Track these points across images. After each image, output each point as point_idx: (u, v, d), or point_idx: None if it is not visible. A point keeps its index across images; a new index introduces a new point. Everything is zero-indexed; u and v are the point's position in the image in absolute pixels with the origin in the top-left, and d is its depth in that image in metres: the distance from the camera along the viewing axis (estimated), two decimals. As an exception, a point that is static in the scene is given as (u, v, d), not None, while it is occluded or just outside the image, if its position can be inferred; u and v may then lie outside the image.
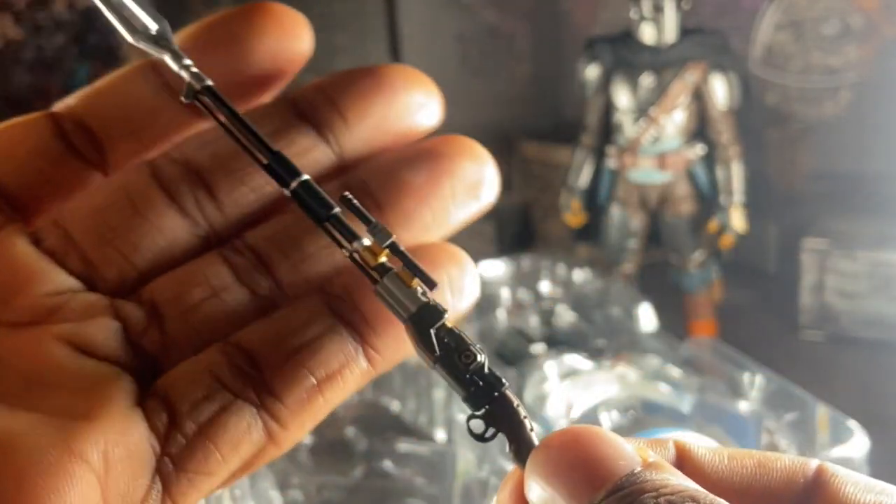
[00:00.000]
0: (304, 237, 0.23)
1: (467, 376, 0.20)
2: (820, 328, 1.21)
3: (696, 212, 1.17)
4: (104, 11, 0.22)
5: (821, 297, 1.20)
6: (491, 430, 0.20)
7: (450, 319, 0.21)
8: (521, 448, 0.20)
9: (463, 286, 0.23)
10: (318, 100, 0.24)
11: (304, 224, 0.22)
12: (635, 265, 1.21)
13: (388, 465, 0.90)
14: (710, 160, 1.15)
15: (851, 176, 1.45)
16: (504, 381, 0.20)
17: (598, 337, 1.08)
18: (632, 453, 0.17)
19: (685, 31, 1.12)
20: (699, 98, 1.12)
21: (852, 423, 0.76)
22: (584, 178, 1.21)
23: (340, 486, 0.86)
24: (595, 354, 0.99)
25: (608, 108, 1.18)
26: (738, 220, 1.12)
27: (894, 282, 1.16)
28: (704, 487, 0.17)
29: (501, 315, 1.17)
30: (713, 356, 0.96)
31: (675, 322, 1.15)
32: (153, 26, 0.23)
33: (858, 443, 0.74)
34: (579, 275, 1.22)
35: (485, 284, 1.22)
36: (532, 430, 0.20)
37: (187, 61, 0.22)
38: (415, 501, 0.83)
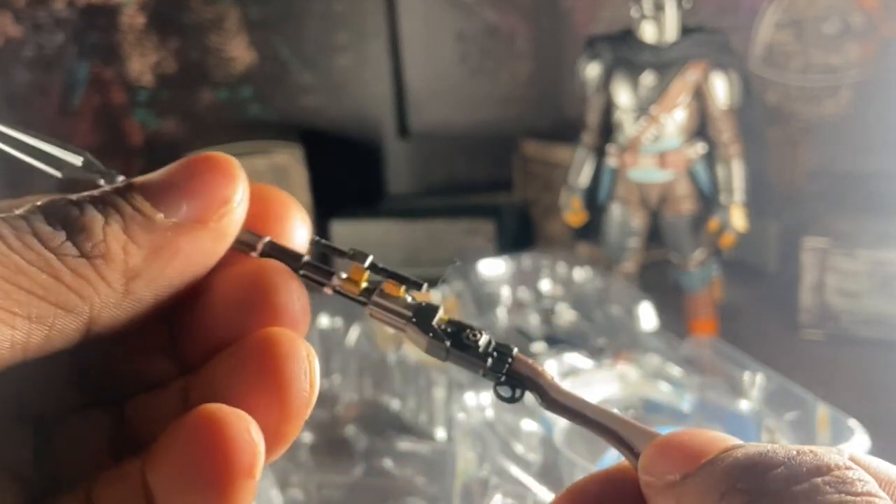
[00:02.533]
0: None
1: (480, 351, 0.21)
2: (820, 327, 1.21)
3: (697, 211, 1.17)
4: (27, 159, 0.23)
5: (821, 296, 1.20)
6: (518, 391, 0.22)
7: (445, 311, 0.22)
8: (546, 396, 0.22)
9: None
10: None
11: None
12: (635, 264, 1.21)
13: (388, 463, 0.90)
14: (710, 159, 1.15)
15: (852, 175, 1.44)
16: (512, 347, 0.22)
17: (598, 336, 1.08)
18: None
19: (686, 30, 1.12)
20: (700, 97, 1.12)
21: (853, 423, 0.76)
22: (584, 176, 1.21)
23: (340, 484, 0.86)
24: (595, 353, 0.99)
25: (609, 107, 1.18)
26: (738, 219, 1.12)
27: (895, 281, 1.16)
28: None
29: (502, 314, 1.17)
30: (713, 355, 0.96)
31: (676, 321, 1.15)
32: (77, 159, 0.24)
33: (859, 442, 0.74)
34: (580, 273, 1.22)
35: (485, 283, 1.21)
36: (553, 377, 0.22)
37: (120, 177, 0.23)
38: (415, 500, 0.83)
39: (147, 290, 0.20)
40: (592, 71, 1.17)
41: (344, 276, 0.23)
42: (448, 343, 0.22)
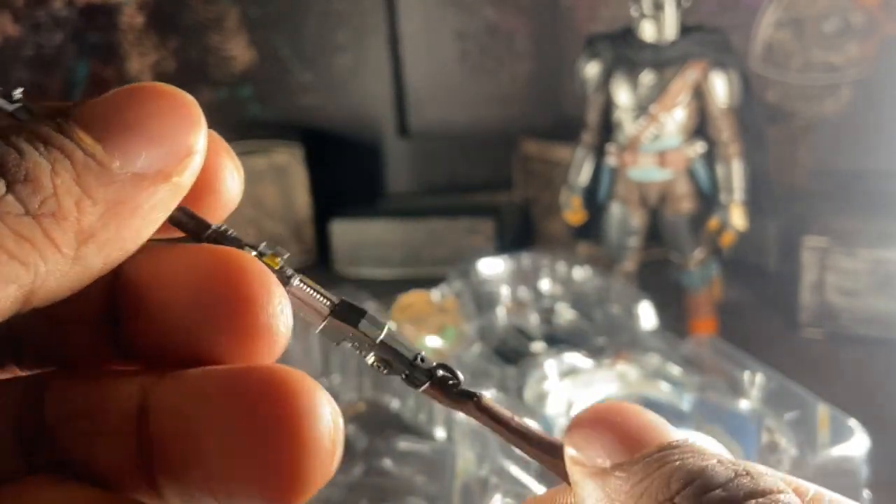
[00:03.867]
0: None
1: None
2: (820, 326, 1.21)
3: (697, 210, 1.16)
4: None
5: (821, 294, 1.20)
6: (385, 367, 0.19)
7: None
8: (413, 373, 0.19)
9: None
10: None
11: None
12: (635, 263, 1.21)
13: (387, 463, 0.90)
14: (710, 158, 1.15)
15: (852, 173, 1.44)
16: (365, 310, 0.19)
17: (598, 335, 1.08)
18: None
19: (685, 29, 1.12)
20: (699, 96, 1.12)
21: (852, 422, 0.76)
22: (584, 175, 1.21)
23: (340, 484, 0.86)
24: (595, 353, 0.99)
25: (608, 106, 1.18)
26: (738, 218, 1.12)
27: (894, 279, 1.16)
28: None
29: (501, 313, 1.17)
30: (713, 354, 0.96)
31: (676, 320, 1.15)
32: None
33: (858, 441, 0.74)
34: (579, 273, 1.22)
35: (485, 282, 1.21)
36: (422, 359, 0.19)
37: (17, 91, 0.18)
38: (415, 500, 0.83)
39: (98, 256, 0.17)
40: (592, 70, 1.17)
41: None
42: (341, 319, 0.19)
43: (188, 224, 0.19)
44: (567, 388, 0.91)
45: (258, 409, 0.17)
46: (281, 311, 0.18)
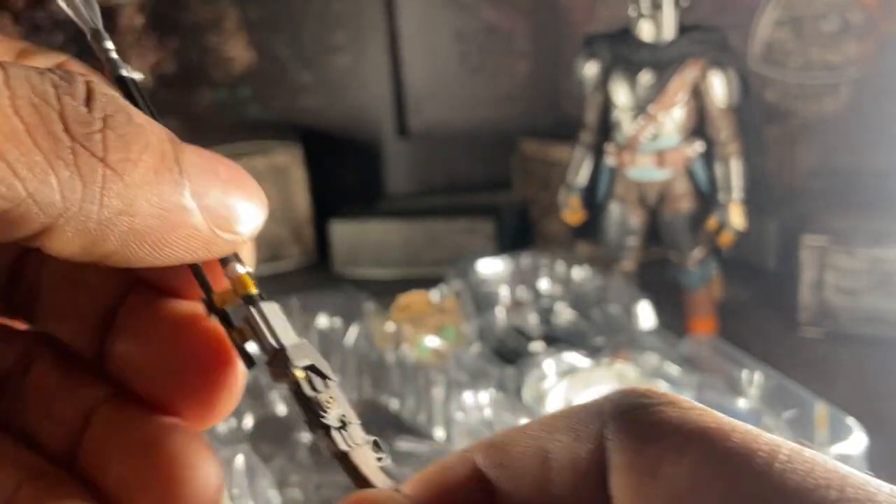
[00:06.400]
0: None
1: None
2: (819, 325, 1.21)
3: (695, 209, 1.17)
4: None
5: (820, 293, 1.20)
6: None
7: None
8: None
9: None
10: None
11: None
12: (634, 263, 1.21)
13: (386, 463, 0.90)
14: (709, 157, 1.15)
15: (851, 172, 1.44)
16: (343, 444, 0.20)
17: (597, 334, 1.09)
18: None
19: (684, 28, 1.12)
20: (698, 95, 1.12)
21: (851, 421, 0.76)
22: (583, 175, 1.21)
23: (340, 484, 0.86)
24: (594, 352, 0.99)
25: (607, 106, 1.18)
26: (737, 218, 1.12)
27: (893, 278, 1.16)
28: None
29: (500, 313, 1.17)
30: (712, 353, 0.96)
31: (675, 319, 1.15)
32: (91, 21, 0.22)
33: (857, 440, 0.74)
34: (578, 272, 1.22)
35: (484, 282, 1.21)
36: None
37: (109, 45, 0.22)
38: (414, 500, 0.83)
39: (119, 238, 0.17)
40: (590, 70, 1.17)
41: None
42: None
43: (199, 280, 0.21)
44: (566, 387, 0.91)
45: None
46: (236, 393, 0.21)
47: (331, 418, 0.20)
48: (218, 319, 0.21)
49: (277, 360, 0.20)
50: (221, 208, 0.19)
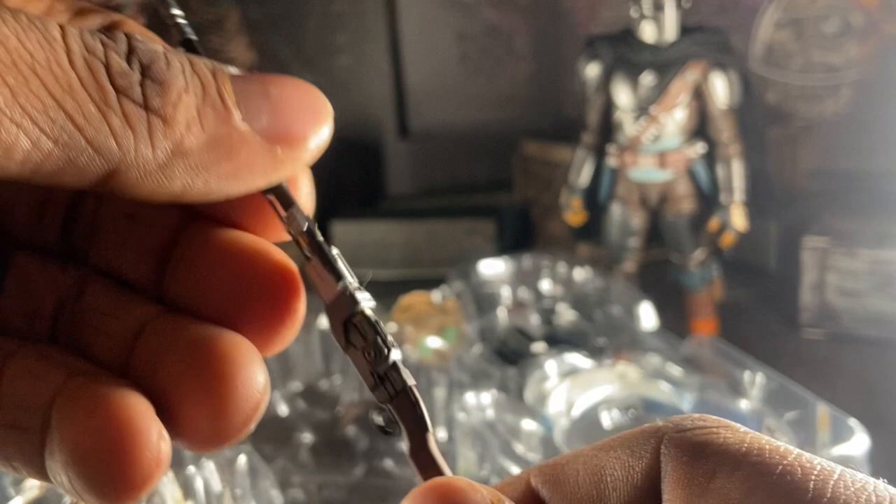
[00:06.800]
0: None
1: (378, 370, 0.20)
2: (820, 326, 1.21)
3: (697, 210, 1.17)
4: None
5: (821, 295, 1.20)
6: (393, 426, 0.21)
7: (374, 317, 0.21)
8: (418, 454, 0.21)
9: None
10: None
11: None
12: (636, 264, 1.21)
13: (388, 464, 0.90)
14: (710, 158, 1.15)
15: (852, 174, 1.45)
16: (410, 379, 0.21)
17: (598, 335, 1.09)
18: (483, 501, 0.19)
19: (685, 30, 1.12)
20: (699, 96, 1.12)
21: (853, 422, 0.76)
22: (584, 176, 1.21)
23: (341, 484, 0.86)
24: (596, 353, 0.99)
25: (609, 107, 1.18)
26: (738, 219, 1.12)
27: (895, 280, 1.16)
28: None
29: (502, 314, 1.17)
30: (714, 355, 0.96)
31: (676, 320, 1.15)
32: None
33: (859, 441, 0.74)
34: (580, 273, 1.22)
35: (485, 283, 1.21)
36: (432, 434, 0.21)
37: (176, 11, 0.23)
38: (415, 500, 0.83)
39: (182, 177, 0.18)
40: (592, 71, 1.18)
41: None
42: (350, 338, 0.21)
43: (277, 204, 0.22)
44: (567, 388, 0.91)
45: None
46: (300, 320, 0.22)
47: (395, 354, 0.21)
48: (301, 237, 0.22)
49: (348, 297, 0.21)
50: (278, 127, 0.19)
